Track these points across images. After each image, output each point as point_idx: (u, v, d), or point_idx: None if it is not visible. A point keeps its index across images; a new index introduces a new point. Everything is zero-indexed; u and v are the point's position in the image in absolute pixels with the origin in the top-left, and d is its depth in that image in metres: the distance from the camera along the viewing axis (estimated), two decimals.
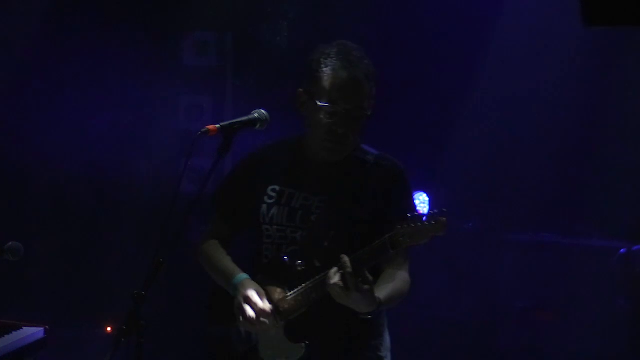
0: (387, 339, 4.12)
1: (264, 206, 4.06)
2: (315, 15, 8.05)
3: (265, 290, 3.98)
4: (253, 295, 3.92)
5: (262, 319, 3.91)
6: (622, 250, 5.71)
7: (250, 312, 3.91)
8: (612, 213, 7.27)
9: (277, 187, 4.07)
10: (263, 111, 3.95)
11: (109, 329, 7.18)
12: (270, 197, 4.07)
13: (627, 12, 2.59)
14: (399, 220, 3.67)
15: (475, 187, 7.55)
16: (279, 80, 7.92)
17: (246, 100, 7.40)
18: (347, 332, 3.96)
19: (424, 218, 3.64)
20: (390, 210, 3.88)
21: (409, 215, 3.66)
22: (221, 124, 3.84)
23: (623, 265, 5.70)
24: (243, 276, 4.03)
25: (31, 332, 4.62)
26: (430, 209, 3.73)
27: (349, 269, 3.65)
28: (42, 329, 4.66)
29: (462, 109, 7.72)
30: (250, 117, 3.93)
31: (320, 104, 3.91)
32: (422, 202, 7.59)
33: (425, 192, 7.58)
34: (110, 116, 7.65)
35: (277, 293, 3.97)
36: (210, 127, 3.80)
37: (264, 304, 3.91)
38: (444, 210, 3.65)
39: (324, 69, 3.93)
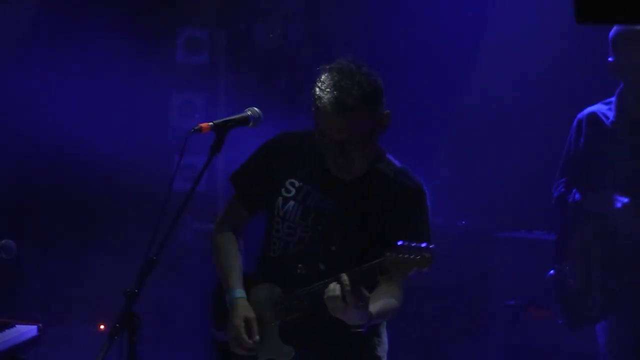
0: (384, 339, 4.12)
1: (280, 199, 4.03)
2: (309, 12, 8.06)
3: (265, 286, 4.02)
4: (241, 331, 3.96)
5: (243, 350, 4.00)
6: (551, 272, 5.69)
7: (235, 345, 4.01)
8: None
9: (295, 182, 4.04)
10: (256, 109, 3.94)
11: (102, 326, 7.17)
12: (288, 191, 4.03)
13: (621, 9, 2.59)
14: (395, 244, 3.63)
15: (469, 185, 7.56)
16: (272, 78, 7.93)
17: (239, 98, 7.40)
18: (342, 336, 3.93)
19: (412, 250, 3.57)
20: (397, 229, 3.84)
21: (399, 243, 3.60)
22: (214, 121, 3.83)
23: (553, 284, 5.69)
24: (238, 293, 4.03)
25: (24, 330, 4.63)
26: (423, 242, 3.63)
27: (349, 287, 3.63)
28: (35, 326, 4.67)
29: (456, 107, 7.73)
30: (243, 114, 3.92)
31: (320, 133, 3.88)
32: None
33: None
34: (102, 114, 7.64)
35: (275, 292, 3.98)
36: (203, 124, 3.79)
37: (247, 342, 3.96)
38: (431, 246, 3.57)
39: (316, 101, 3.84)
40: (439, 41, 7.54)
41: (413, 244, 3.56)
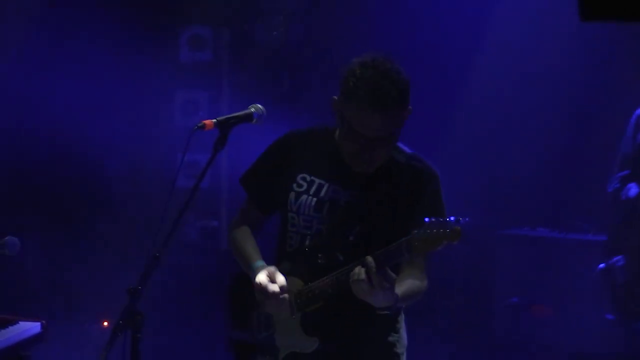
0: (404, 336, 4.13)
1: (292, 194, 4.03)
2: (311, 11, 8.07)
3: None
4: (262, 279, 3.93)
5: (273, 300, 3.93)
6: (601, 266, 5.70)
7: (260, 295, 3.94)
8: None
9: (307, 176, 4.04)
10: (259, 106, 3.94)
11: (105, 323, 7.19)
12: (300, 185, 4.03)
13: (625, 6, 2.60)
14: (418, 224, 3.64)
15: (471, 184, 7.56)
16: (275, 75, 7.94)
17: (242, 95, 7.41)
18: (363, 328, 3.96)
19: (440, 225, 3.59)
20: (415, 213, 3.84)
21: (426, 220, 3.61)
22: (217, 118, 3.82)
23: (604, 279, 5.70)
24: (259, 263, 4.03)
25: (28, 327, 4.64)
26: (451, 217, 3.68)
27: (374, 269, 3.64)
28: (38, 323, 4.68)
29: (456, 106, 7.74)
30: (247, 111, 3.92)
31: (349, 127, 3.85)
32: None
33: None
34: (105, 112, 7.65)
35: (296, 284, 3.97)
36: (207, 121, 3.79)
37: (272, 287, 3.91)
38: (460, 219, 3.60)
39: (350, 96, 3.81)
40: (439, 41, 7.55)
41: (441, 219, 3.59)
